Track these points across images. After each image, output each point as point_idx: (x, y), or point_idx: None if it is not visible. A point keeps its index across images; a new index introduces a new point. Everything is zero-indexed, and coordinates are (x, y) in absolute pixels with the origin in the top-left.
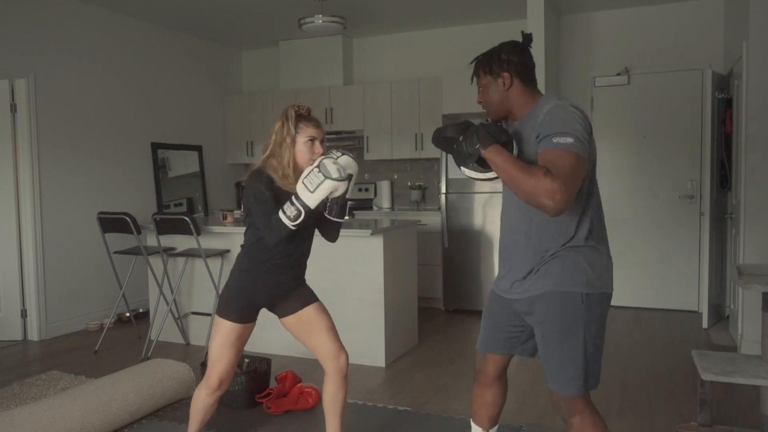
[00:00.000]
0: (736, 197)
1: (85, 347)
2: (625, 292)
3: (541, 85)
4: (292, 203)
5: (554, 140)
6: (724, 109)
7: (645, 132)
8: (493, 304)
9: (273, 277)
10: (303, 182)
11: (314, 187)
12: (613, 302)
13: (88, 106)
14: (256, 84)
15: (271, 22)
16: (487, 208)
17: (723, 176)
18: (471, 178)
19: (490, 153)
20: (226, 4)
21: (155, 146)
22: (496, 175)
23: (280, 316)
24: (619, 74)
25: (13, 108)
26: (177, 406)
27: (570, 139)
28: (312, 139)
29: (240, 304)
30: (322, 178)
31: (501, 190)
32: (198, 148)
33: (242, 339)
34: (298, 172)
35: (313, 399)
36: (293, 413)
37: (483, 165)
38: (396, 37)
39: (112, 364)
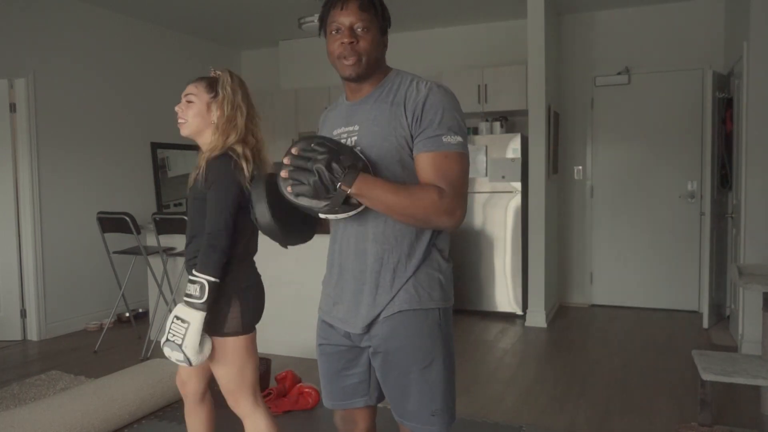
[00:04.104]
0: (736, 197)
1: (84, 347)
2: (626, 292)
3: (540, 84)
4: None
5: (444, 139)
6: (725, 109)
7: (645, 132)
8: None
9: None
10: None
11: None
12: (614, 302)
13: (88, 105)
14: (256, 84)
15: (271, 22)
16: (487, 207)
17: (723, 176)
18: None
19: (359, 188)
20: (226, 4)
21: (155, 146)
22: (360, 209)
23: None
24: (619, 74)
25: (13, 108)
26: (177, 406)
27: (459, 138)
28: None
29: None
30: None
31: (502, 189)
32: (198, 148)
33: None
34: None
35: (312, 399)
36: (293, 413)
37: (345, 202)
38: (396, 37)
39: (111, 364)
